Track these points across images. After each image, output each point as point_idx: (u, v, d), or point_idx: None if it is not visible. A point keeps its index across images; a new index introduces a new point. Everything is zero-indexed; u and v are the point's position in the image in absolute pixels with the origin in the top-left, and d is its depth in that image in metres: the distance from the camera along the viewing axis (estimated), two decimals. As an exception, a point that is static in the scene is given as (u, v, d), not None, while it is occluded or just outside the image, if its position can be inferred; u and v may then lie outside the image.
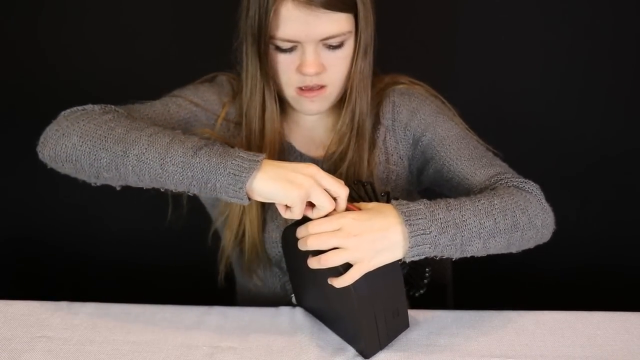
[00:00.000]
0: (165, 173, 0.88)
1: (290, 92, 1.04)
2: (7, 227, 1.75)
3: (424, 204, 0.91)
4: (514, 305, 1.12)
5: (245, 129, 1.09)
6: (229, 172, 0.85)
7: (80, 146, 0.91)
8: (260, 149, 1.07)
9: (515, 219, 0.95)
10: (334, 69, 1.01)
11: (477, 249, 0.93)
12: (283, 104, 1.10)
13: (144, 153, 0.88)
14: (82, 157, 0.91)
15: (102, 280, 1.67)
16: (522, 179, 1.03)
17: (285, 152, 1.15)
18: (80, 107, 0.97)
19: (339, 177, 1.07)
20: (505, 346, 1.02)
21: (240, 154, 0.87)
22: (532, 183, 1.04)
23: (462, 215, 0.91)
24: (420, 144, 1.12)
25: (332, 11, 0.95)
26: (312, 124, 1.16)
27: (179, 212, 1.25)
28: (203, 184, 0.87)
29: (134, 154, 0.88)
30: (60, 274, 1.74)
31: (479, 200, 0.94)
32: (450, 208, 0.91)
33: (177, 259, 1.47)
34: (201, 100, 1.11)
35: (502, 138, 1.63)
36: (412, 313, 1.09)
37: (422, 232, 0.88)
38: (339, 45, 1.00)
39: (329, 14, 0.95)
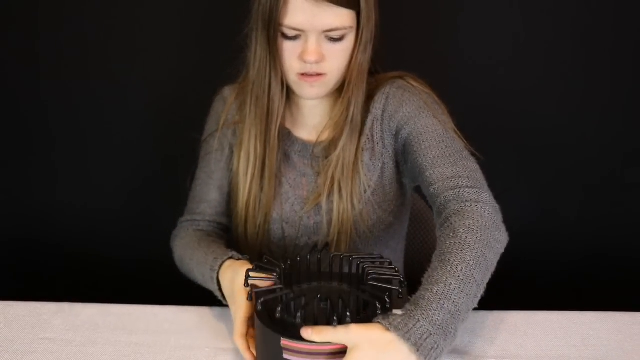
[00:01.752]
0: (203, 284, 1.13)
1: (292, 77, 1.12)
2: (8, 228, 1.74)
3: (420, 314, 0.81)
4: (506, 306, 1.14)
5: (250, 110, 1.17)
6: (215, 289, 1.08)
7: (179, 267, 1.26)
8: (266, 131, 1.18)
9: (487, 260, 0.91)
10: (333, 59, 1.09)
11: (469, 310, 0.88)
12: (284, 90, 1.17)
13: (192, 275, 1.17)
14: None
15: (104, 281, 1.67)
16: (474, 190, 0.99)
17: (284, 138, 1.22)
18: (172, 237, 1.29)
19: (328, 164, 1.16)
20: (498, 346, 1.04)
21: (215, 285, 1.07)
22: (484, 195, 0.99)
23: (454, 301, 0.84)
24: (400, 136, 1.15)
25: (337, 6, 1.03)
26: (310, 110, 1.22)
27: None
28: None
29: (192, 276, 1.18)
30: (62, 275, 1.74)
31: (455, 267, 0.86)
32: (441, 300, 0.83)
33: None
34: (209, 132, 1.28)
35: (500, 136, 1.67)
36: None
37: (433, 350, 0.80)
38: (340, 39, 1.07)
39: (334, 8, 1.03)
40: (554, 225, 1.77)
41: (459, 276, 0.86)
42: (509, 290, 1.50)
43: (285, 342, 0.83)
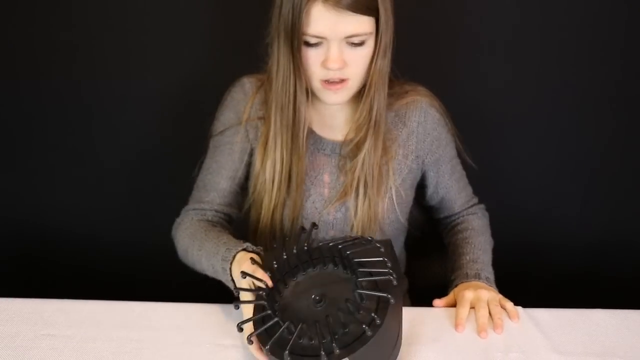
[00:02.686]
0: (212, 275, 1.13)
1: (315, 83, 1.15)
2: (10, 226, 1.75)
3: (482, 270, 1.25)
4: (515, 304, 1.14)
5: (275, 119, 1.19)
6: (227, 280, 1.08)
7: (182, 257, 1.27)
8: (292, 140, 1.20)
9: (490, 238, 1.37)
10: (355, 64, 1.12)
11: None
12: (310, 98, 1.20)
13: (200, 266, 1.18)
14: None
15: (106, 279, 1.67)
16: (477, 204, 1.41)
17: (307, 136, 1.23)
18: (175, 225, 1.29)
19: (354, 166, 1.21)
20: (507, 342, 1.04)
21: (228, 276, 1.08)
22: (481, 205, 1.42)
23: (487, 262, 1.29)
24: (432, 156, 1.29)
25: (357, 14, 1.07)
26: (333, 113, 1.25)
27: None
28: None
29: (198, 267, 1.19)
30: (63, 272, 1.74)
31: (481, 244, 1.32)
32: (483, 263, 1.27)
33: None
34: (227, 124, 1.27)
35: (501, 136, 1.67)
36: (414, 310, 1.11)
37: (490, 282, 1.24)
38: (361, 44, 1.10)
39: (354, 15, 1.07)
40: (561, 224, 1.75)
41: (486, 249, 1.32)
42: (518, 289, 1.49)
43: None
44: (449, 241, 1.37)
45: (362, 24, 1.08)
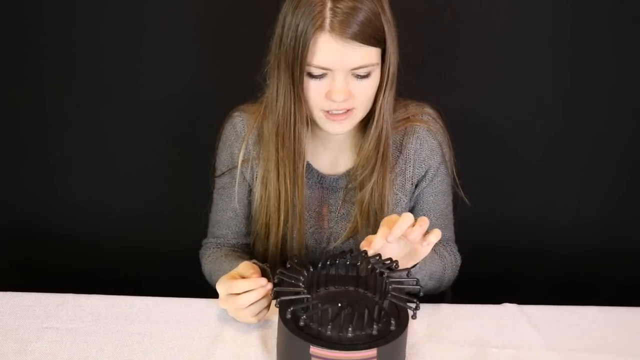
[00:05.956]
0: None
1: (317, 113, 1.12)
2: (13, 222, 1.76)
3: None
4: (510, 301, 1.15)
5: (277, 151, 1.16)
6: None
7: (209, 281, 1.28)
8: (293, 170, 1.18)
9: (444, 276, 1.23)
10: (360, 95, 1.09)
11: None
12: (310, 124, 1.17)
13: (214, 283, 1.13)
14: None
15: (107, 273, 1.68)
16: (452, 247, 1.30)
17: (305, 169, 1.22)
18: (200, 257, 1.33)
19: (362, 198, 1.19)
20: (501, 338, 1.05)
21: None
22: (454, 249, 1.30)
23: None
24: (422, 183, 1.25)
25: (364, 44, 1.03)
26: (337, 145, 1.23)
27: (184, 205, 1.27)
28: None
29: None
30: (65, 267, 1.75)
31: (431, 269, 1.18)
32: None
33: (182, 253, 1.48)
34: (223, 167, 1.27)
35: (500, 137, 1.68)
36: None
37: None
38: (367, 75, 1.07)
39: (361, 46, 1.03)
40: (556, 223, 1.76)
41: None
42: (513, 288, 1.50)
43: (314, 349, 0.86)
44: None
45: (369, 56, 1.05)
